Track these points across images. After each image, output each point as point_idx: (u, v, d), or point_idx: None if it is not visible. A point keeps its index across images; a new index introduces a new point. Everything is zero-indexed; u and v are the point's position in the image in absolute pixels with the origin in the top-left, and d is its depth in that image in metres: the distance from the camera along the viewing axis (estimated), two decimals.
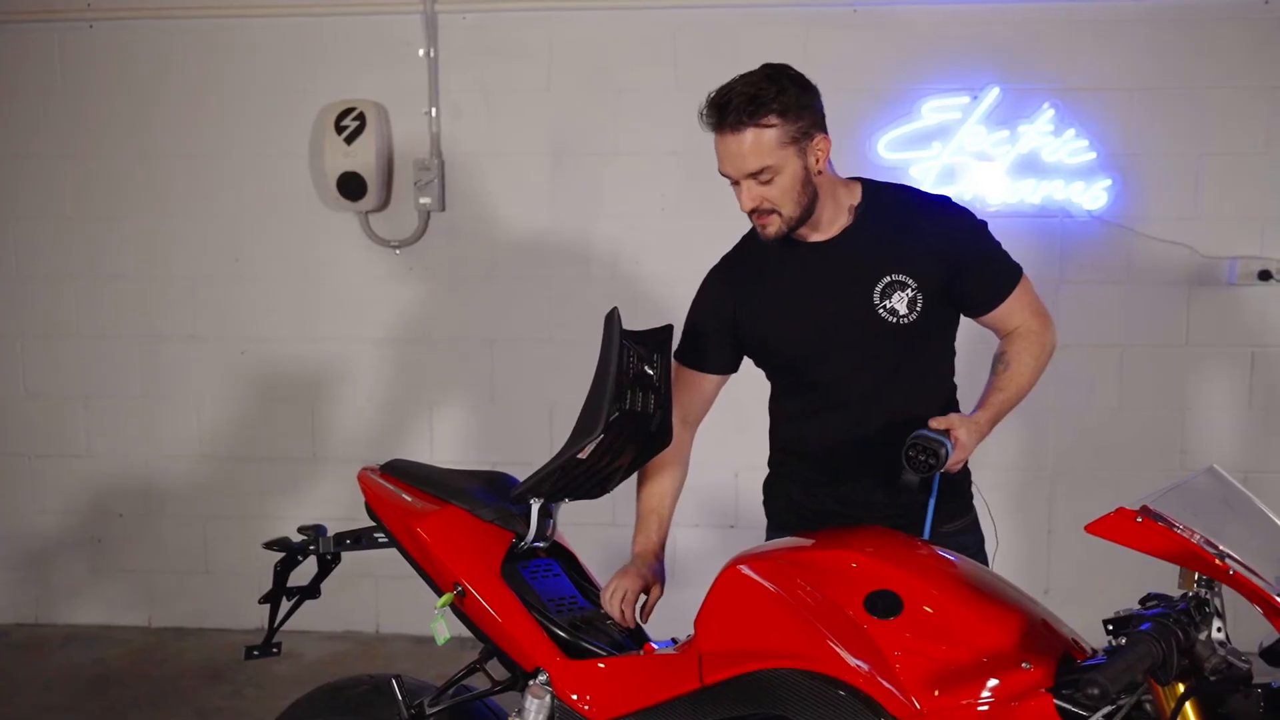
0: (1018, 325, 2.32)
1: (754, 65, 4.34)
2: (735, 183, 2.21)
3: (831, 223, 2.29)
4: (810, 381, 2.35)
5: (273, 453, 4.53)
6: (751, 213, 2.23)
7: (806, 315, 2.31)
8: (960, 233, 2.29)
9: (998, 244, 2.33)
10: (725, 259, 2.44)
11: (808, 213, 2.23)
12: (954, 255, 2.26)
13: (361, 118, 4.25)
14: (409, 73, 4.33)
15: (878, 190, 2.34)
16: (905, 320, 2.25)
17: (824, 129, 2.23)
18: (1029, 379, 2.28)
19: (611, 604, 2.20)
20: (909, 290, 2.24)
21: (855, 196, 2.31)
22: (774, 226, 2.22)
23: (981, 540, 2.41)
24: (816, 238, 2.29)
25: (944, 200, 2.38)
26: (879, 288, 2.25)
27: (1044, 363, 2.32)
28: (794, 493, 2.42)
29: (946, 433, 2.06)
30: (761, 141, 2.14)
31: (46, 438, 4.63)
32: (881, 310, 2.25)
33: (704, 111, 2.19)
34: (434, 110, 4.34)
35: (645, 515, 2.39)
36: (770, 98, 2.14)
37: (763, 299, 2.34)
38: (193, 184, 4.46)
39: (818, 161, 2.21)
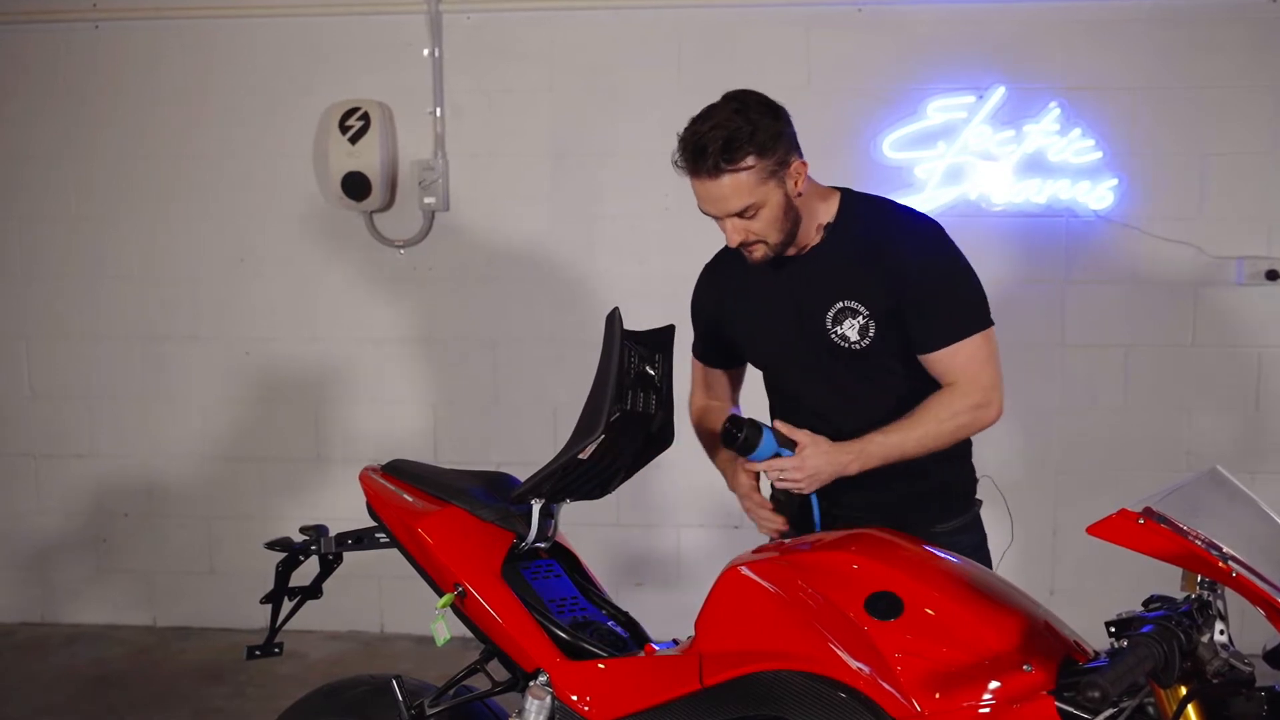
0: (954, 383, 2.20)
1: (756, 66, 4.36)
2: (717, 218, 2.20)
3: (805, 239, 2.27)
4: (782, 389, 2.41)
5: (276, 453, 4.53)
6: (739, 245, 2.22)
7: (772, 330, 2.33)
8: (916, 268, 2.21)
9: (965, 289, 2.24)
10: (715, 259, 2.45)
11: (792, 235, 2.22)
12: (903, 289, 2.20)
13: (366, 118, 4.25)
14: (413, 73, 4.33)
15: (852, 207, 2.29)
16: (857, 346, 2.23)
17: (799, 151, 2.20)
18: (920, 436, 2.15)
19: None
20: (860, 317, 2.22)
21: (830, 213, 2.28)
22: (760, 252, 2.22)
23: (982, 540, 2.40)
24: (791, 252, 2.28)
25: (914, 229, 2.28)
26: (830, 313, 2.24)
27: (953, 429, 2.17)
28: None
29: (793, 444, 2.10)
30: (741, 183, 2.12)
31: (50, 438, 4.64)
32: (834, 335, 2.24)
33: (678, 158, 2.15)
34: (438, 110, 4.34)
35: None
36: (745, 138, 2.10)
37: (740, 307, 2.37)
38: (197, 184, 4.47)
39: (796, 185, 2.19)
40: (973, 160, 4.10)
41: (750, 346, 2.40)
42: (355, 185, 4.26)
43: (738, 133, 2.10)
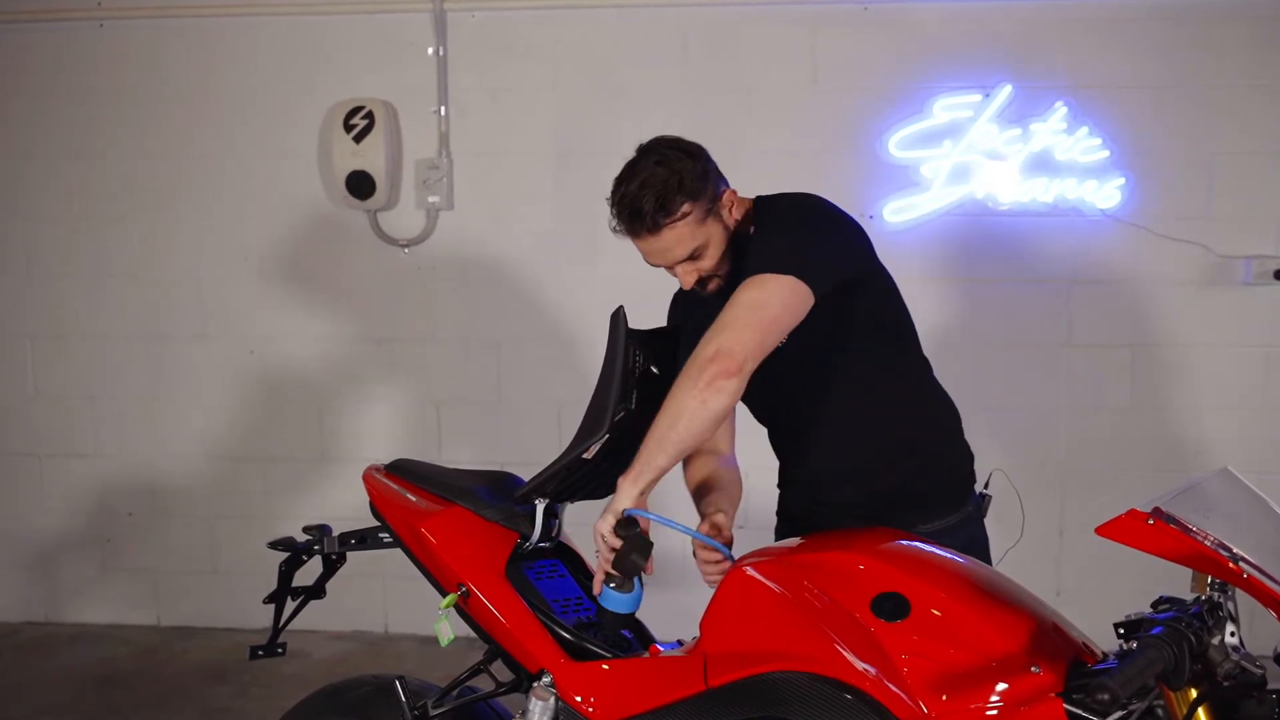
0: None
1: (760, 64, 4.33)
2: (667, 267, 2.20)
3: None
4: (750, 405, 2.39)
5: (280, 452, 4.52)
6: (695, 285, 2.21)
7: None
8: (758, 226, 2.18)
9: (784, 236, 2.11)
10: None
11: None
12: None
13: (370, 116, 4.24)
14: (418, 71, 4.32)
15: (757, 213, 2.24)
16: (779, 346, 2.14)
17: (725, 181, 2.20)
18: (671, 415, 1.96)
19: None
20: None
21: (748, 226, 2.23)
22: (714, 285, 2.21)
23: (970, 541, 2.35)
24: None
25: (790, 208, 2.23)
26: None
27: (701, 396, 1.94)
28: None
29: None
30: (681, 232, 2.12)
31: (54, 437, 4.63)
32: None
33: (614, 224, 2.16)
34: (443, 109, 4.33)
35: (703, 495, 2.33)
36: (674, 189, 2.09)
37: (691, 314, 2.35)
38: (201, 183, 4.46)
39: (732, 213, 2.19)
40: (979, 159, 4.09)
41: None
42: (359, 184, 4.25)
43: (666, 185, 2.10)
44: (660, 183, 2.10)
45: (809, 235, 2.14)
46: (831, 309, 2.12)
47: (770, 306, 2.01)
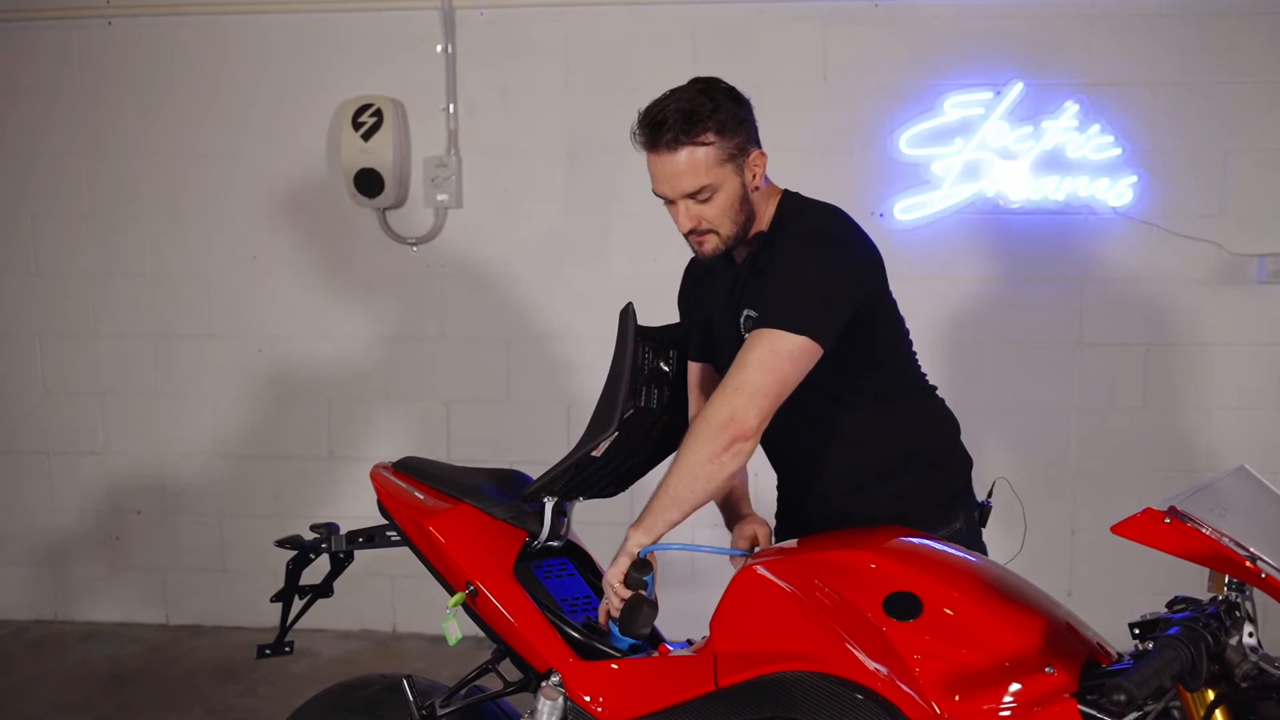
0: (721, 384, 2.04)
1: (772, 61, 4.33)
2: (670, 202, 2.14)
3: (749, 239, 2.21)
4: None
5: (288, 451, 4.52)
6: (689, 233, 2.16)
7: (718, 332, 2.31)
8: (777, 261, 2.12)
9: (801, 287, 2.05)
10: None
11: (745, 231, 2.17)
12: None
13: (379, 114, 4.23)
14: (426, 69, 4.31)
15: (786, 215, 2.20)
16: None
17: (759, 144, 2.16)
18: (682, 474, 1.99)
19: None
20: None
21: (766, 221, 2.20)
22: (711, 245, 2.16)
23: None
24: (740, 256, 2.23)
25: (804, 227, 2.17)
26: (741, 320, 2.20)
27: (710, 453, 1.97)
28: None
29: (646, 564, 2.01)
30: (698, 160, 2.07)
31: (64, 435, 4.64)
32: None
33: (636, 131, 2.11)
34: (451, 107, 4.32)
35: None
36: (706, 114, 2.06)
37: (700, 303, 2.35)
38: (210, 181, 4.46)
39: (754, 178, 2.15)
40: (990, 157, 4.07)
41: (711, 344, 2.38)
42: (368, 182, 4.25)
43: (700, 109, 2.07)
44: (695, 104, 2.07)
45: (825, 278, 2.07)
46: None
47: (783, 370, 2.00)
